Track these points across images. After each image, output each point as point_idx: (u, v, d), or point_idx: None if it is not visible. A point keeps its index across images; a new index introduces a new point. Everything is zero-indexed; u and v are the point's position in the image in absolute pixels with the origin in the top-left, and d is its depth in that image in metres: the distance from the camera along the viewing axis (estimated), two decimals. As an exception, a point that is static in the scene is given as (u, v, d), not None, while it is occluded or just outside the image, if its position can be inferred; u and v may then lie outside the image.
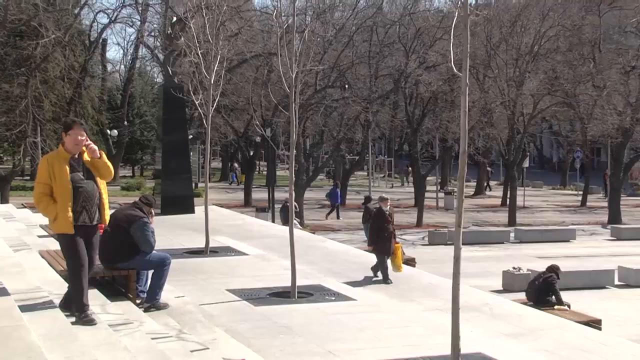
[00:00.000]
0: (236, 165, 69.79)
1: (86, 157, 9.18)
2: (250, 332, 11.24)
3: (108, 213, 9.66)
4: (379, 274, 15.10)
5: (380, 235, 15.46)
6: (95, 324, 8.89)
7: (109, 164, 9.45)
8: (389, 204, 16.33)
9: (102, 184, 9.37)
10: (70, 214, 8.90)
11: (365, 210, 31.16)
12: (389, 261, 15.38)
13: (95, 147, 9.25)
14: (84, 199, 9.09)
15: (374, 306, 13.20)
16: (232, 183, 66.69)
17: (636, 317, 20.17)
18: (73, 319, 9.16)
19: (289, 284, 13.48)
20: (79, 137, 9.04)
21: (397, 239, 16.82)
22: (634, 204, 54.01)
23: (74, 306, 9.12)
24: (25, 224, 19.37)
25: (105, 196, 9.42)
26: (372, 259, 16.53)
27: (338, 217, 44.62)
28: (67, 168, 8.92)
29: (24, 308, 8.94)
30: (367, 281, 15.42)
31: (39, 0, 39.57)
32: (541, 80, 47.65)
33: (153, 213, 12.16)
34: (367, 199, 35.29)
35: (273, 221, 33.27)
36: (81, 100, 47.10)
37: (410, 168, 71.29)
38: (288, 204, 33.14)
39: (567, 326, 13.12)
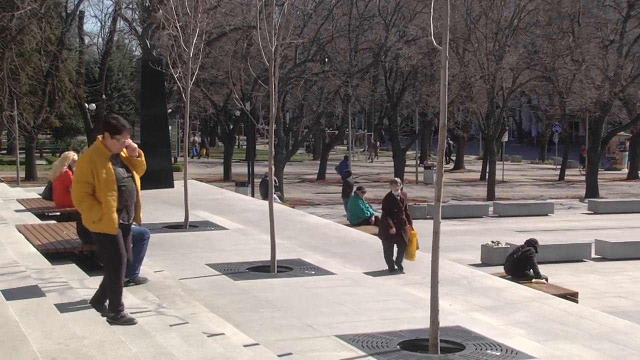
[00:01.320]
0: (197, 138, 69.57)
1: (122, 153, 8.84)
2: (230, 306, 11.23)
3: (142, 212, 9.35)
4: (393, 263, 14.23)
5: (390, 222, 14.26)
6: (135, 324, 8.61)
7: (144, 160, 9.14)
8: (399, 187, 15.21)
9: (138, 180, 9.03)
10: (116, 214, 8.58)
11: (345, 184, 31.15)
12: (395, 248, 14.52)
13: (135, 146, 8.96)
14: (126, 197, 8.76)
15: (354, 280, 13.22)
16: (194, 157, 66.26)
17: (612, 289, 20.32)
18: (52, 294, 9.11)
19: (268, 258, 13.47)
20: (126, 142, 8.74)
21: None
22: (611, 177, 54.34)
23: (110, 306, 8.77)
24: (2, 198, 19.22)
25: (140, 194, 9.12)
26: (348, 233, 16.53)
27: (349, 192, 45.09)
28: (111, 166, 8.55)
29: (1, 283, 8.88)
30: (346, 255, 15.44)
31: None
32: (520, 54, 47.65)
33: None
34: (347, 174, 35.30)
35: (253, 195, 33.24)
36: (58, 73, 46.45)
37: (377, 142, 71.19)
38: (268, 178, 33.06)
39: (544, 299, 13.24)
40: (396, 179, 15.50)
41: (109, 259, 8.75)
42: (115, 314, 8.56)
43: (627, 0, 48.50)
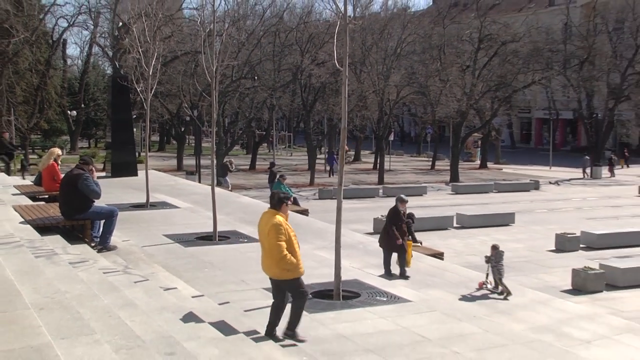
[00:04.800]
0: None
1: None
2: (181, 267, 11.14)
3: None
4: (397, 267, 12.24)
5: (397, 233, 12.34)
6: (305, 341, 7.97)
7: None
8: (406, 206, 13.24)
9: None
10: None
11: (270, 173, 30.98)
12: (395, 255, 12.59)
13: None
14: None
15: (277, 246, 13.21)
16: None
17: (467, 250, 20.77)
18: (41, 258, 8.86)
19: (211, 229, 13.40)
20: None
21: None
22: (467, 167, 55.43)
23: (289, 327, 7.96)
24: (1, 184, 18.60)
25: None
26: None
27: (332, 175, 46.36)
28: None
29: (0, 250, 8.61)
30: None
31: (9, 6, 38.74)
32: (402, 74, 48.22)
33: (93, 169, 11.91)
34: (272, 164, 35.08)
35: (199, 182, 32.86)
36: (46, 87, 45.90)
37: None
38: (226, 162, 32.81)
39: (419, 258, 13.50)
40: (406, 198, 13.27)
41: (300, 295, 8.01)
42: (292, 333, 7.97)
43: (478, 37, 49.77)
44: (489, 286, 11.46)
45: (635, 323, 10.65)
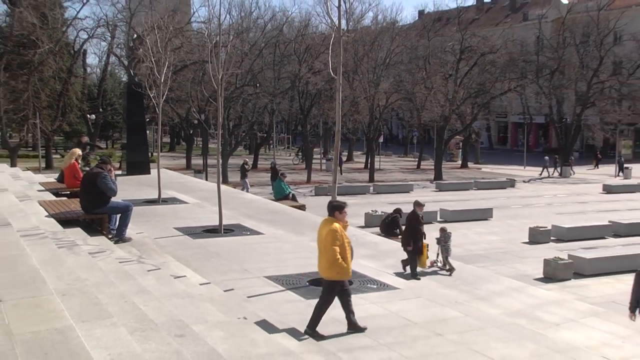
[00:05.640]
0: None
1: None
2: (190, 257, 11.12)
3: None
4: (408, 268, 11.63)
5: (415, 236, 11.90)
6: (364, 330, 7.84)
7: None
8: (423, 209, 12.95)
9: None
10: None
11: (272, 171, 30.93)
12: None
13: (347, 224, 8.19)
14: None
15: (277, 238, 13.22)
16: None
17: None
18: (63, 249, 8.85)
19: (217, 223, 13.39)
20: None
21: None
22: (450, 167, 55.51)
23: (311, 324, 7.76)
24: (28, 182, 18.56)
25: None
26: (274, 206, 16.40)
27: (341, 173, 46.17)
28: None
29: (27, 241, 8.59)
30: (272, 221, 15.40)
31: (36, 20, 39.28)
32: (391, 82, 48.28)
33: (110, 168, 11.91)
34: (273, 164, 35.09)
35: (206, 179, 32.82)
36: (68, 93, 45.91)
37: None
38: (246, 166, 32.52)
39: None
40: (422, 202, 12.94)
41: (328, 296, 7.92)
42: (312, 331, 7.73)
43: (459, 48, 49.79)
44: (438, 264, 12.00)
45: (599, 307, 10.70)
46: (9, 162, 36.53)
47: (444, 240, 12.30)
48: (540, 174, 48.80)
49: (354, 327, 7.90)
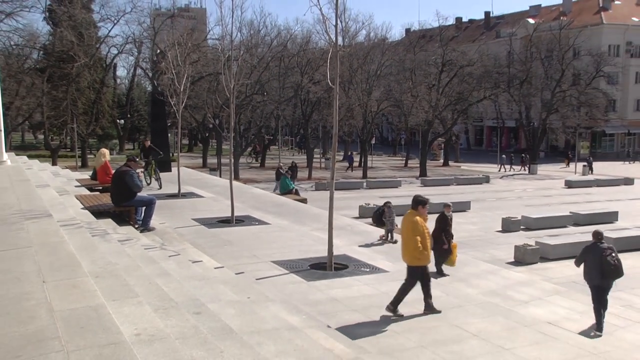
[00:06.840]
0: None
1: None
2: (206, 244, 11.11)
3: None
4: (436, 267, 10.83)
5: (445, 239, 11.09)
6: (439, 312, 7.73)
7: None
8: (451, 210, 12.05)
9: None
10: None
11: (277, 171, 30.86)
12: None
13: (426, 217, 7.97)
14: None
15: (282, 227, 13.20)
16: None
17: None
18: (96, 237, 8.82)
19: (229, 214, 13.37)
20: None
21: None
22: (433, 165, 55.43)
23: (393, 302, 7.73)
24: (67, 178, 18.52)
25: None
26: (279, 199, 16.29)
27: (351, 170, 47.31)
28: None
29: (65, 230, 8.57)
30: (277, 212, 15.39)
31: (74, 38, 40.06)
32: (381, 91, 48.23)
33: (137, 166, 11.91)
34: (280, 168, 34.98)
35: (220, 176, 32.76)
36: (101, 101, 46.25)
37: (257, 146, 65.63)
38: (281, 171, 29.11)
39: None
40: (449, 203, 12.28)
41: (411, 280, 7.86)
42: (394, 308, 7.72)
43: (441, 62, 49.73)
44: (388, 238, 12.81)
45: (561, 287, 10.70)
46: (50, 162, 36.64)
47: (388, 214, 13.18)
48: (499, 170, 49.24)
49: (430, 309, 7.81)
